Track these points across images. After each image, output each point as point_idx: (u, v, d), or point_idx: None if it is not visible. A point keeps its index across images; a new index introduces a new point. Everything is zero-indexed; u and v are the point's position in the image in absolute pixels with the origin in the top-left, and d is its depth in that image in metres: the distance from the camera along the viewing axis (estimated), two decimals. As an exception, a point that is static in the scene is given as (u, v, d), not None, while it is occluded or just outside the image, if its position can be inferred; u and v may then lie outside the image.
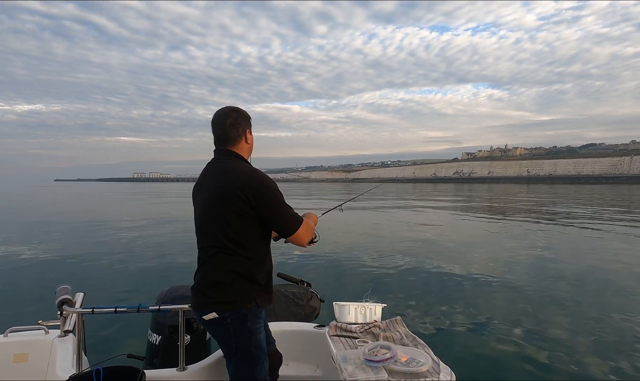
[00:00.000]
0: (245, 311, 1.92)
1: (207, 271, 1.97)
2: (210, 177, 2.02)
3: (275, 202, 1.94)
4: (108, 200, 41.21)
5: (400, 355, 2.00)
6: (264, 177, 1.97)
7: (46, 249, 12.02)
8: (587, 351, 4.45)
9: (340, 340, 2.34)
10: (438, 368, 1.90)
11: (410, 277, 7.62)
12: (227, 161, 2.02)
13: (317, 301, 3.02)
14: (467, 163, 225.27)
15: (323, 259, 8.67)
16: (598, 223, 16.89)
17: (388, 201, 32.01)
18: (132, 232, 15.98)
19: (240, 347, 1.93)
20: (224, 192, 1.91)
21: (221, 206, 1.91)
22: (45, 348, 2.55)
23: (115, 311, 2.29)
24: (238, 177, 1.92)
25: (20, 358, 2.52)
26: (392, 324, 2.46)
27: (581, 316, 5.53)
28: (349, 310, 2.52)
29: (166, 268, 9.28)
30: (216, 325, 1.94)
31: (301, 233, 2.00)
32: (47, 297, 2.92)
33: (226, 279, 1.92)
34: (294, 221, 1.98)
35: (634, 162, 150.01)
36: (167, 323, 2.65)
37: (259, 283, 1.97)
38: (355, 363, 1.98)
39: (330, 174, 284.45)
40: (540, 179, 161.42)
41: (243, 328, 1.92)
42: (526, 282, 7.19)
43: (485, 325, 5.16)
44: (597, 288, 7.03)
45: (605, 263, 9.17)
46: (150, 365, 2.67)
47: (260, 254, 1.98)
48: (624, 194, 43.80)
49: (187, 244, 12.24)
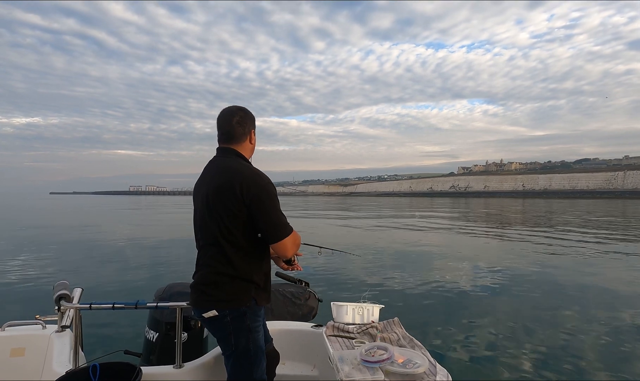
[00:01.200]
0: (244, 309, 1.92)
1: (206, 270, 1.97)
2: (210, 175, 2.01)
3: (268, 204, 1.90)
4: (104, 212, 41.11)
5: (397, 356, 2.00)
6: (262, 178, 1.94)
7: (44, 248, 12.01)
8: (582, 353, 4.47)
9: (337, 340, 2.34)
10: (434, 369, 1.90)
11: (408, 278, 7.65)
12: (228, 159, 2.01)
13: (314, 301, 3.02)
14: (463, 177, 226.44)
15: (321, 260, 8.68)
16: (593, 236, 16.98)
17: (385, 215, 32.04)
18: (130, 233, 15.94)
19: (239, 345, 1.93)
20: (222, 189, 1.91)
21: (219, 203, 1.91)
22: (42, 343, 2.54)
23: (113, 307, 2.29)
24: (237, 175, 1.91)
25: (17, 352, 2.51)
26: (389, 325, 2.46)
27: (578, 318, 5.56)
28: (347, 310, 2.52)
29: (164, 265, 9.28)
30: (216, 323, 1.94)
31: (288, 242, 1.93)
32: (45, 292, 2.92)
33: (224, 279, 1.92)
34: (283, 228, 1.92)
35: (627, 177, 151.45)
36: (164, 320, 2.65)
37: (257, 283, 1.97)
38: (352, 364, 1.98)
39: (327, 187, 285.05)
40: (535, 193, 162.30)
41: (242, 326, 1.92)
42: (522, 286, 7.23)
43: (481, 328, 5.17)
44: (587, 294, 7.08)
45: (598, 276, 9.24)
46: (147, 361, 2.66)
47: (257, 253, 1.97)
48: (618, 208, 44.06)
49: (184, 242, 12.22)
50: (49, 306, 2.47)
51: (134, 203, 74.69)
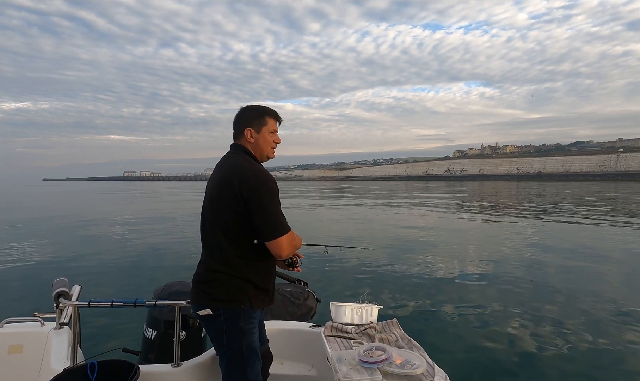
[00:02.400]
0: (238, 311, 1.93)
1: (205, 267, 1.99)
2: (216, 171, 2.04)
3: (264, 200, 1.87)
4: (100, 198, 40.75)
5: (395, 357, 2.01)
6: (262, 174, 1.93)
7: (43, 244, 11.95)
8: (582, 354, 4.49)
9: (335, 340, 2.35)
10: (433, 371, 1.92)
11: (407, 279, 7.62)
12: (234, 155, 2.04)
13: (313, 301, 3.03)
14: (458, 161, 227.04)
15: (320, 259, 8.71)
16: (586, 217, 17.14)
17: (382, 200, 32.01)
18: (129, 227, 15.88)
19: (231, 346, 1.95)
20: (223, 184, 1.92)
21: (219, 198, 1.92)
22: (41, 340, 2.55)
23: (112, 305, 2.28)
24: (237, 169, 1.92)
25: (15, 349, 2.52)
26: (388, 326, 2.48)
27: (576, 317, 5.58)
28: (345, 311, 2.53)
29: (163, 263, 9.25)
30: (209, 321, 1.97)
31: (283, 241, 1.88)
32: (44, 289, 2.91)
33: (221, 277, 1.93)
34: (279, 226, 1.88)
35: (620, 160, 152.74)
36: (163, 319, 2.65)
37: (255, 283, 1.96)
38: (350, 364, 1.99)
39: (322, 172, 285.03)
40: (529, 176, 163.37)
41: (235, 327, 1.93)
42: (522, 285, 7.17)
43: (481, 329, 5.18)
44: (589, 287, 7.13)
45: (594, 257, 9.37)
46: (145, 360, 2.67)
47: (257, 253, 1.96)
48: (609, 191, 44.37)
49: (184, 240, 12.21)
50: (47, 303, 2.46)
51: (129, 189, 74.28)
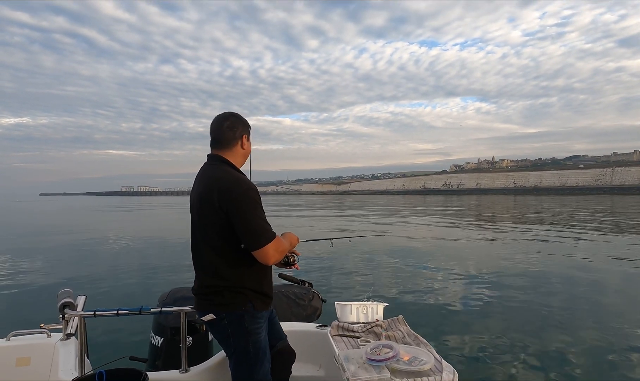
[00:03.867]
0: (241, 313, 1.93)
1: (200, 276, 2.00)
2: (196, 184, 2.01)
3: (245, 210, 1.83)
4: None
5: (402, 353, 2.02)
6: (241, 183, 1.87)
7: (46, 256, 11.90)
8: (588, 349, 4.48)
9: (342, 340, 2.36)
10: (441, 366, 1.92)
11: (412, 276, 7.65)
12: (211, 167, 1.99)
13: (318, 301, 3.03)
14: (455, 175, 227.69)
15: (324, 260, 8.70)
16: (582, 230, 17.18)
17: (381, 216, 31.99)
18: (132, 237, 15.83)
19: (237, 347, 1.96)
20: (202, 198, 1.90)
21: (201, 213, 1.92)
22: (48, 351, 2.53)
23: (117, 313, 2.29)
24: (215, 182, 1.88)
25: (22, 362, 2.50)
26: (394, 323, 2.49)
27: (579, 313, 5.60)
28: (351, 310, 2.54)
29: (167, 270, 9.25)
30: (214, 326, 1.99)
31: (269, 249, 1.83)
32: (49, 301, 2.90)
33: (216, 284, 1.93)
34: (262, 234, 1.83)
35: (615, 174, 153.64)
36: (169, 325, 2.66)
37: (252, 289, 1.95)
38: (358, 363, 2.00)
39: (320, 186, 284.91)
40: (526, 190, 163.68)
41: (240, 328, 1.94)
42: (524, 281, 7.23)
43: (487, 323, 5.16)
44: (590, 290, 7.12)
45: (593, 267, 9.37)
46: (153, 367, 2.67)
47: (247, 260, 1.92)
48: (606, 204, 44.57)
49: (186, 246, 12.16)
50: (53, 315, 2.45)
51: (126, 203, 74.02)
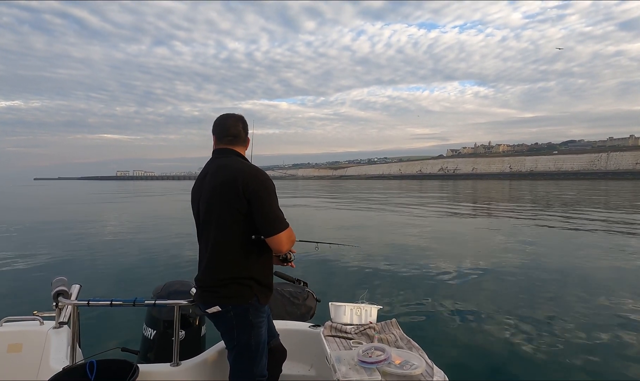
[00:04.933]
0: (247, 306, 1.98)
1: (208, 268, 2.02)
2: (211, 173, 2.05)
3: (265, 198, 1.95)
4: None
5: (394, 357, 2.03)
6: (261, 174, 2.01)
7: (42, 243, 11.86)
8: (582, 352, 4.52)
9: (334, 340, 2.38)
10: (432, 371, 1.94)
11: (407, 280, 7.62)
12: (229, 158, 2.08)
13: (313, 301, 3.05)
14: (451, 160, 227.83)
15: (320, 259, 8.72)
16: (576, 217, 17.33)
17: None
18: (128, 227, 15.79)
19: (240, 340, 2.00)
20: (225, 185, 1.96)
21: (221, 200, 1.96)
22: (40, 339, 2.54)
23: (111, 304, 2.28)
24: (238, 172, 1.97)
25: (14, 348, 2.51)
26: (387, 326, 2.50)
27: (573, 317, 5.61)
28: (345, 311, 2.55)
29: (163, 263, 9.23)
30: (219, 318, 2.01)
31: (283, 237, 1.96)
32: (43, 288, 2.89)
33: (226, 276, 1.96)
34: (279, 222, 1.96)
35: (610, 159, 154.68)
36: (162, 318, 2.65)
37: (258, 281, 2.01)
38: (349, 364, 2.01)
39: (317, 171, 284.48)
40: (522, 175, 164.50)
41: (245, 321, 1.98)
42: (520, 286, 7.18)
43: (479, 329, 5.20)
44: (584, 287, 7.17)
45: (586, 258, 9.48)
46: (144, 359, 2.67)
47: (257, 252, 2.01)
48: (597, 189, 44.82)
49: (183, 239, 12.18)
50: (46, 302, 2.45)
51: (122, 189, 73.69)
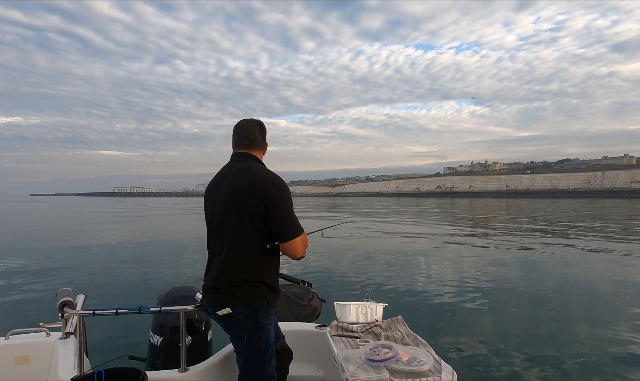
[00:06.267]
0: (257, 308, 1.99)
1: (220, 271, 2.02)
2: (230, 177, 2.08)
3: (282, 204, 1.98)
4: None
5: (401, 354, 2.03)
6: (280, 180, 2.05)
7: (45, 255, 11.80)
8: (586, 350, 4.52)
9: (341, 340, 2.37)
10: (440, 367, 1.94)
11: (411, 276, 7.65)
12: (248, 163, 2.12)
13: (318, 301, 3.04)
14: (449, 177, 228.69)
15: (324, 260, 8.70)
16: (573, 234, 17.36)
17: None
18: (131, 236, 15.73)
19: (250, 342, 2.00)
20: (244, 189, 1.98)
21: (240, 202, 1.98)
22: (47, 350, 2.53)
23: (117, 312, 2.28)
24: (258, 176, 2.01)
25: (21, 360, 2.50)
26: (393, 323, 2.50)
27: (576, 314, 5.64)
28: (350, 310, 2.55)
29: (167, 269, 9.22)
30: (229, 321, 2.01)
31: (298, 242, 2.00)
32: (48, 299, 2.88)
33: (237, 282, 1.97)
34: (294, 228, 1.99)
35: (605, 177, 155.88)
36: (168, 324, 2.65)
37: (269, 284, 2.03)
38: (357, 363, 2.01)
39: (315, 188, 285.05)
40: (518, 193, 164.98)
41: (255, 323, 1.99)
42: (521, 284, 7.24)
43: (486, 324, 5.18)
44: (581, 292, 7.20)
45: (583, 272, 9.49)
46: (152, 366, 2.66)
47: (269, 256, 2.03)
48: (593, 208, 45.08)
49: (187, 246, 12.15)
50: (52, 314, 2.44)
51: (119, 205, 73.44)
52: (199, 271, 2.02)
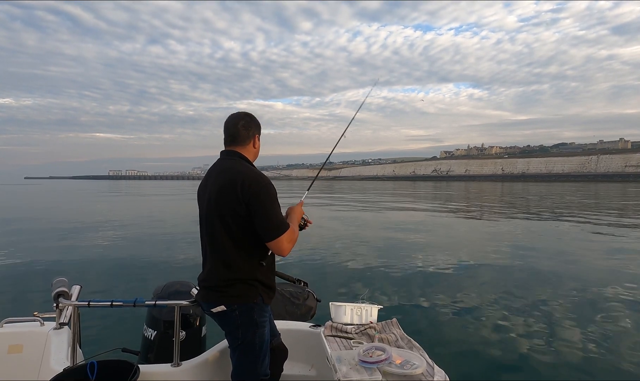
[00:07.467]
0: (251, 305, 2.00)
1: (212, 269, 2.03)
2: (214, 176, 2.08)
3: (266, 203, 1.95)
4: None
5: (395, 357, 2.05)
6: (261, 178, 2.01)
7: (41, 244, 11.75)
8: (581, 352, 4.56)
9: (335, 340, 2.39)
10: (432, 370, 1.96)
11: (407, 279, 7.62)
12: (231, 161, 2.09)
13: (313, 301, 3.05)
14: (445, 161, 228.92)
15: (320, 259, 8.70)
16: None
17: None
18: (128, 228, 15.67)
19: (245, 338, 2.01)
20: (225, 189, 1.98)
21: (222, 203, 1.98)
22: (40, 340, 2.54)
23: (111, 305, 2.28)
24: (238, 174, 1.99)
25: (15, 349, 2.51)
26: (387, 326, 2.52)
27: (573, 317, 5.65)
28: (345, 311, 2.57)
29: (163, 263, 9.20)
30: (224, 317, 2.02)
31: (283, 240, 1.95)
32: (44, 289, 2.88)
33: (230, 277, 1.98)
34: (278, 227, 1.95)
35: (600, 161, 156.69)
36: (162, 319, 2.66)
37: (262, 281, 2.04)
38: (350, 364, 2.02)
39: (311, 171, 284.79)
40: (514, 177, 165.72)
41: (250, 320, 2.00)
42: (519, 285, 7.22)
43: (480, 329, 5.22)
44: (580, 284, 7.29)
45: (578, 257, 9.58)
46: (145, 359, 2.67)
47: (260, 253, 2.03)
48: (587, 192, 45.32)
49: (184, 240, 12.13)
50: (47, 303, 2.44)
51: (116, 188, 73.08)
52: (197, 264, 2.04)
